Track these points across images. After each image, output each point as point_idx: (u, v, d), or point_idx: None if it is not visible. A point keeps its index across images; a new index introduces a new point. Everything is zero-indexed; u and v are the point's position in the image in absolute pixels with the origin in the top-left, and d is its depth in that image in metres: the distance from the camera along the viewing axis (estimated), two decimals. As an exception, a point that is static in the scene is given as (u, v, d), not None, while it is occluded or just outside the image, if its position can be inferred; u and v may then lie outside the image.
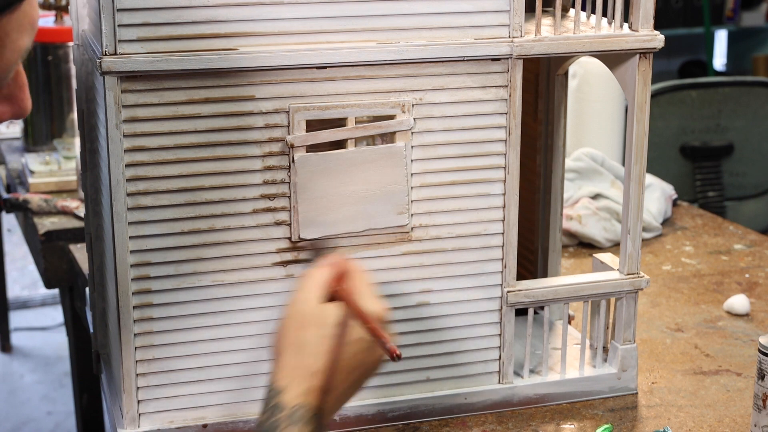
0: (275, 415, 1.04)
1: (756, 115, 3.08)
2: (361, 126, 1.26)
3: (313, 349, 1.06)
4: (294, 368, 1.06)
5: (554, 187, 1.55)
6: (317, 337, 1.06)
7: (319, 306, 1.08)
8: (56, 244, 2.12)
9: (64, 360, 3.57)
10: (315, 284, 1.09)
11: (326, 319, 1.07)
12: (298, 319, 1.08)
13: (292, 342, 1.07)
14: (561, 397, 1.40)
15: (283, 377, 1.06)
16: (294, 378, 1.05)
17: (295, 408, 1.04)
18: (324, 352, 1.06)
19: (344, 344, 1.07)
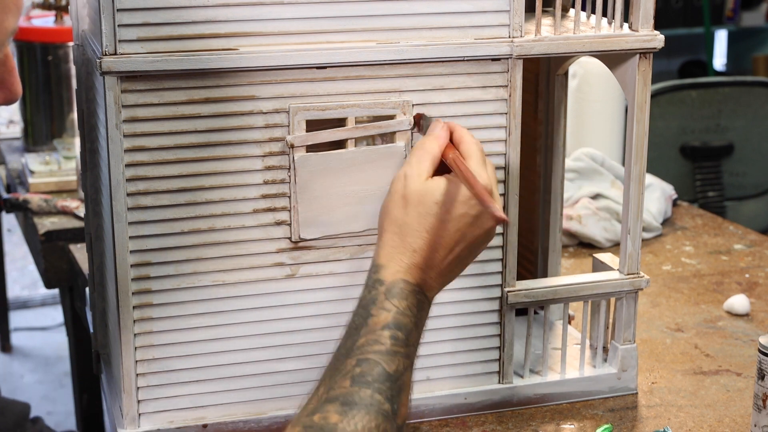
0: (375, 289, 1.06)
1: (756, 115, 3.08)
2: (361, 126, 1.26)
3: (414, 227, 1.07)
4: (395, 246, 1.08)
5: (554, 187, 1.55)
6: (419, 216, 1.07)
7: (423, 183, 1.08)
8: (56, 244, 2.12)
9: (64, 360, 3.57)
10: (422, 157, 1.10)
11: (428, 197, 1.07)
12: (401, 196, 1.09)
13: (394, 220, 1.09)
14: (561, 397, 1.40)
15: (384, 255, 1.08)
16: (394, 255, 1.07)
17: (394, 283, 1.06)
18: (425, 230, 1.07)
19: (447, 221, 1.07)
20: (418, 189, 1.08)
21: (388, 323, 1.04)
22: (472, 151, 1.11)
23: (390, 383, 1.01)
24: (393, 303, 1.05)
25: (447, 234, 1.08)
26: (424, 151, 1.11)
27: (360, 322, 1.05)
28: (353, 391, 1.00)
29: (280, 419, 1.31)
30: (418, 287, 1.07)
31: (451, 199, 1.08)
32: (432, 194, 1.08)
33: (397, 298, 1.05)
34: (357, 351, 1.03)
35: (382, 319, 1.04)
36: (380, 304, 1.05)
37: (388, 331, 1.04)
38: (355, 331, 1.05)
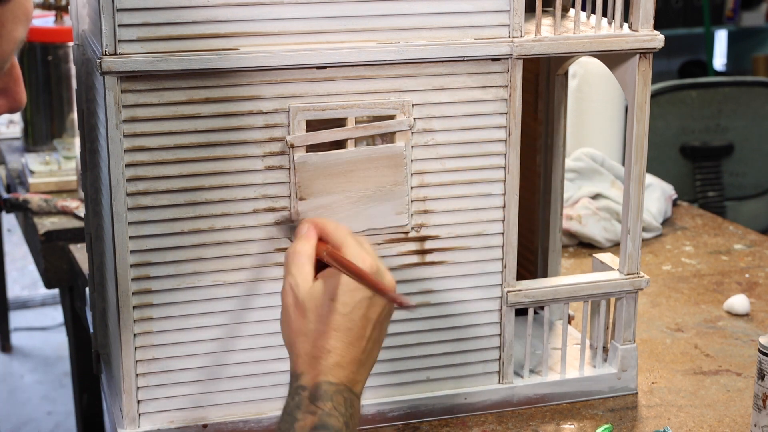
0: (298, 395, 1.05)
1: (756, 115, 3.08)
2: (361, 126, 1.26)
3: (320, 330, 1.07)
4: (308, 353, 1.07)
5: (554, 187, 1.55)
6: (320, 318, 1.07)
7: (311, 286, 1.08)
8: (56, 244, 2.12)
9: (64, 360, 3.57)
10: (300, 262, 1.09)
11: (322, 298, 1.07)
12: (295, 306, 1.08)
13: (299, 330, 1.08)
14: (561, 397, 1.40)
15: (301, 363, 1.07)
16: (310, 361, 1.07)
17: (317, 386, 1.05)
18: (332, 329, 1.06)
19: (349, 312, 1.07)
20: (309, 293, 1.08)
21: (315, 425, 1.03)
22: (342, 239, 1.10)
23: None
24: (317, 405, 1.04)
25: (353, 324, 1.07)
26: (299, 254, 1.10)
27: (286, 428, 1.04)
28: None
29: (280, 419, 1.31)
30: (342, 385, 1.06)
31: (344, 290, 1.07)
32: (324, 293, 1.07)
33: (321, 400, 1.04)
34: None
35: (309, 422, 1.03)
36: (305, 409, 1.04)
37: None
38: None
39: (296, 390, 1.06)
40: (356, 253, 1.08)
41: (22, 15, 0.91)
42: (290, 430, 1.03)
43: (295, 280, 1.09)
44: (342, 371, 1.07)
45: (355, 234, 1.12)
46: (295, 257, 1.10)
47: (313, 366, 1.06)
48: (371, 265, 1.07)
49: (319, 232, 1.12)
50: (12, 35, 0.90)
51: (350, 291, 1.07)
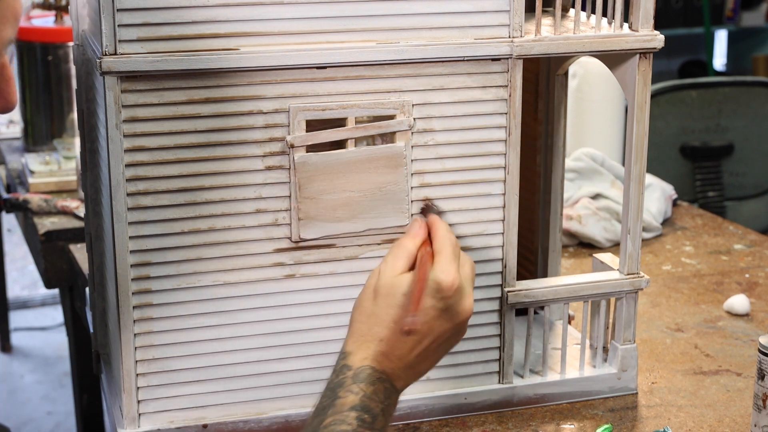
0: (342, 374, 1.08)
1: (756, 115, 3.08)
2: (361, 126, 1.26)
3: (381, 317, 1.10)
4: (362, 335, 1.10)
5: (554, 187, 1.55)
6: (386, 307, 1.10)
7: (394, 277, 1.11)
8: (56, 244, 2.12)
9: (64, 360, 3.57)
10: (398, 254, 1.13)
11: (397, 289, 1.10)
12: (373, 289, 1.12)
13: (364, 310, 1.11)
14: (561, 397, 1.40)
15: (352, 342, 1.10)
16: (361, 344, 1.10)
17: (361, 369, 1.08)
18: (392, 320, 1.09)
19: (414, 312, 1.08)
20: (389, 282, 1.11)
21: (355, 405, 1.05)
22: (442, 247, 1.13)
23: None
24: (360, 387, 1.07)
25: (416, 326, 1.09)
26: (400, 248, 1.14)
27: (327, 403, 1.06)
28: None
29: (280, 419, 1.31)
30: (384, 375, 1.09)
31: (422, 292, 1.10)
32: (400, 287, 1.10)
33: (364, 382, 1.07)
34: (323, 430, 1.04)
35: (349, 401, 1.05)
36: (347, 387, 1.07)
37: (355, 413, 1.04)
38: (322, 410, 1.06)
39: (342, 368, 1.09)
40: (445, 264, 1.11)
41: (10, 15, 0.92)
42: (330, 405, 1.05)
43: (385, 267, 1.12)
44: (388, 362, 1.09)
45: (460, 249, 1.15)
46: (395, 248, 1.14)
47: (363, 349, 1.09)
48: (452, 281, 1.10)
49: (428, 232, 1.15)
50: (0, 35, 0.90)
51: (426, 295, 1.09)
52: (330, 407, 1.05)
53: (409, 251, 1.13)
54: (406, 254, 1.13)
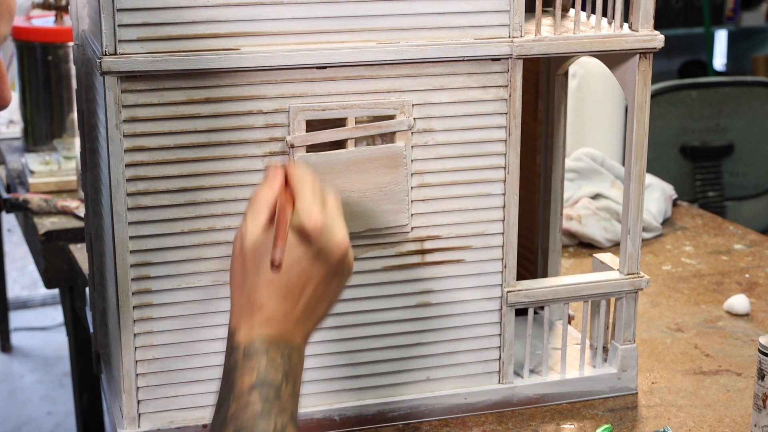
0: (232, 355, 1.03)
1: (756, 115, 3.08)
2: (361, 126, 1.26)
3: (255, 283, 1.04)
4: (242, 307, 1.05)
5: (554, 187, 1.55)
6: (256, 271, 1.04)
7: (257, 237, 1.05)
8: (56, 244, 2.12)
9: (64, 360, 3.57)
10: (257, 210, 1.06)
11: (262, 250, 1.04)
12: (240, 254, 1.06)
13: (236, 281, 1.06)
14: (561, 397, 1.40)
15: (235, 318, 1.05)
16: (243, 316, 1.04)
17: (250, 343, 1.03)
18: (265, 284, 1.04)
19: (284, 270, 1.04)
20: (252, 244, 1.05)
21: (253, 384, 1.01)
22: (301, 189, 1.07)
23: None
24: (254, 363, 1.02)
25: (289, 281, 1.04)
26: (258, 201, 1.06)
27: (227, 391, 1.02)
28: None
29: (280, 419, 1.31)
30: (275, 339, 1.04)
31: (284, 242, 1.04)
32: (265, 246, 1.04)
33: (256, 356, 1.02)
34: (231, 421, 1.00)
35: (246, 382, 1.01)
36: (241, 369, 1.02)
37: (256, 392, 1.00)
38: (224, 400, 1.02)
39: (231, 349, 1.04)
40: (306, 206, 1.05)
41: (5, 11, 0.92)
42: (230, 392, 1.02)
43: (246, 227, 1.06)
44: (275, 326, 1.04)
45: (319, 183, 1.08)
46: (253, 203, 1.07)
47: (246, 321, 1.04)
48: (316, 222, 1.04)
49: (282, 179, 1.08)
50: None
51: (291, 248, 1.04)
52: (230, 394, 1.01)
53: (268, 202, 1.06)
54: (266, 207, 1.06)
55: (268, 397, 1.00)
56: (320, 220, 1.05)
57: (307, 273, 1.05)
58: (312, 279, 1.06)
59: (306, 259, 1.05)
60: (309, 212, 1.04)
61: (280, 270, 1.03)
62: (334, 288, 1.09)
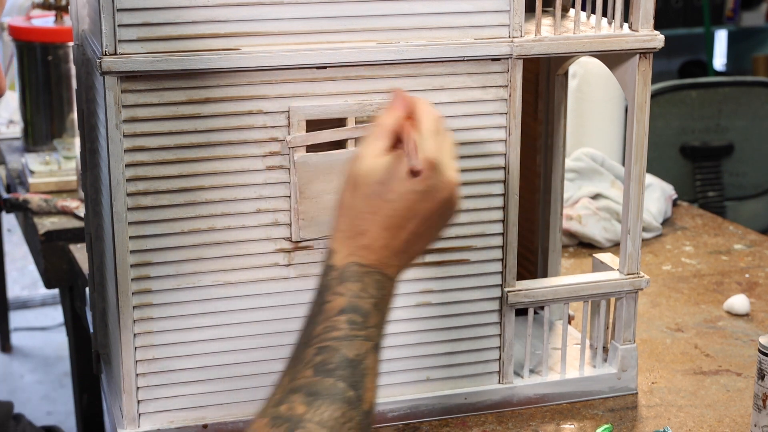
0: (328, 275, 1.04)
1: (756, 115, 3.08)
2: (361, 126, 1.26)
3: (360, 209, 1.05)
4: (343, 230, 1.06)
5: (554, 187, 1.55)
6: (364, 197, 1.05)
7: (371, 162, 1.06)
8: (56, 244, 2.12)
9: (64, 360, 3.57)
10: (377, 135, 1.07)
11: (372, 177, 1.05)
12: (351, 178, 1.07)
13: (343, 203, 1.07)
14: (561, 397, 1.40)
15: (335, 240, 1.06)
16: (344, 240, 1.05)
17: (346, 266, 1.04)
18: (370, 211, 1.05)
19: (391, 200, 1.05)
20: (366, 170, 1.06)
21: (343, 308, 1.02)
22: (422, 121, 1.08)
23: (351, 369, 1.00)
24: (347, 287, 1.03)
25: (394, 213, 1.05)
26: (380, 127, 1.07)
27: (316, 310, 1.03)
28: (316, 381, 0.99)
29: (280, 419, 1.31)
30: (372, 267, 1.04)
31: (394, 177, 1.05)
32: (375, 174, 1.05)
33: (350, 281, 1.03)
34: (316, 339, 1.01)
35: (337, 304, 1.02)
36: (334, 290, 1.03)
37: (344, 316, 1.02)
38: (312, 318, 1.03)
39: (327, 270, 1.05)
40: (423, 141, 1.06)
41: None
42: (320, 312, 1.03)
43: (364, 150, 1.07)
44: (373, 254, 1.05)
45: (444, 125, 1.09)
46: (375, 128, 1.08)
47: (346, 245, 1.05)
48: (430, 157, 1.05)
49: (408, 108, 1.09)
50: None
51: (401, 180, 1.05)
52: (319, 314, 1.02)
53: (389, 130, 1.07)
54: (385, 134, 1.07)
55: (356, 323, 1.01)
56: (434, 156, 1.05)
57: (414, 207, 1.06)
58: (417, 214, 1.06)
59: (414, 194, 1.05)
60: (424, 147, 1.05)
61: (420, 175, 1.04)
62: (437, 226, 1.09)
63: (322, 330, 1.01)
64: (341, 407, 0.98)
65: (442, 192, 1.06)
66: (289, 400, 0.99)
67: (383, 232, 1.05)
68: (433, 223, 1.08)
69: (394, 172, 1.05)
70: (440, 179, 1.06)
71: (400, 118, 1.08)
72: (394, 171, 1.05)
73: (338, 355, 1.00)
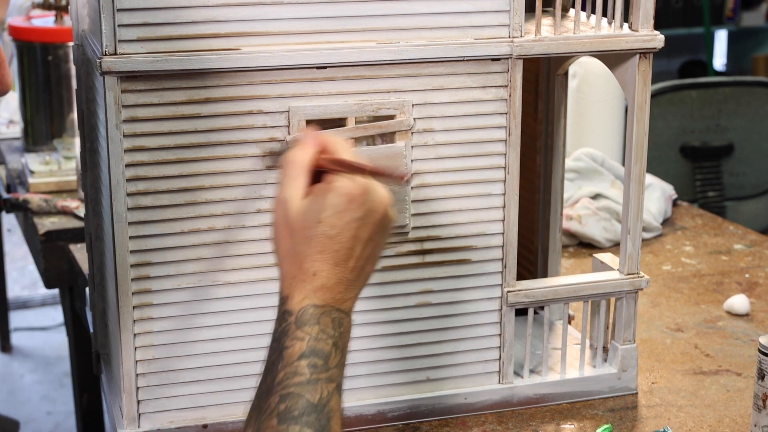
0: (285, 321, 1.04)
1: (756, 115, 3.08)
2: (361, 126, 1.26)
3: (306, 252, 1.04)
4: (294, 276, 1.05)
5: (554, 187, 1.55)
6: (307, 240, 1.04)
7: (300, 203, 1.05)
8: (56, 244, 2.12)
9: (64, 360, 3.57)
10: (295, 173, 1.06)
11: (310, 218, 1.04)
12: (285, 224, 1.05)
13: (286, 250, 1.06)
14: (561, 397, 1.40)
15: (286, 286, 1.05)
16: (295, 284, 1.04)
17: (302, 310, 1.03)
18: (318, 252, 1.04)
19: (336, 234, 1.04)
20: (297, 212, 1.05)
21: (303, 352, 1.01)
22: (341, 148, 1.08)
23: (317, 414, 0.99)
24: (305, 331, 1.02)
25: (341, 246, 1.04)
26: (294, 164, 1.06)
27: (276, 357, 1.03)
28: (282, 430, 0.97)
29: (280, 419, 1.31)
30: (328, 306, 1.04)
31: (332, 212, 1.04)
32: (312, 214, 1.04)
33: (308, 324, 1.03)
34: (278, 387, 1.00)
35: (297, 349, 1.01)
36: (292, 335, 1.02)
37: (305, 360, 1.01)
38: (272, 366, 1.02)
39: (283, 315, 1.04)
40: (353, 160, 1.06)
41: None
42: (279, 358, 1.02)
43: (285, 194, 1.06)
44: (328, 293, 1.04)
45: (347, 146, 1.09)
46: (289, 167, 1.06)
47: (299, 289, 1.04)
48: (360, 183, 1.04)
49: (318, 142, 1.08)
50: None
51: (338, 212, 1.04)
52: (279, 360, 1.02)
53: (305, 166, 1.06)
54: (303, 171, 1.06)
55: (317, 366, 1.01)
56: (363, 181, 1.05)
57: (357, 234, 1.05)
58: (360, 240, 1.06)
59: (355, 221, 1.05)
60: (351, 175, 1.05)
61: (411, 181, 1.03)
62: (380, 245, 1.09)
63: (284, 377, 1.00)
64: None
65: (378, 211, 1.06)
66: None
67: (334, 268, 1.04)
68: (376, 243, 1.07)
69: (326, 208, 1.04)
70: (375, 199, 1.05)
71: (313, 153, 1.07)
72: (326, 207, 1.04)
73: (302, 401, 0.99)
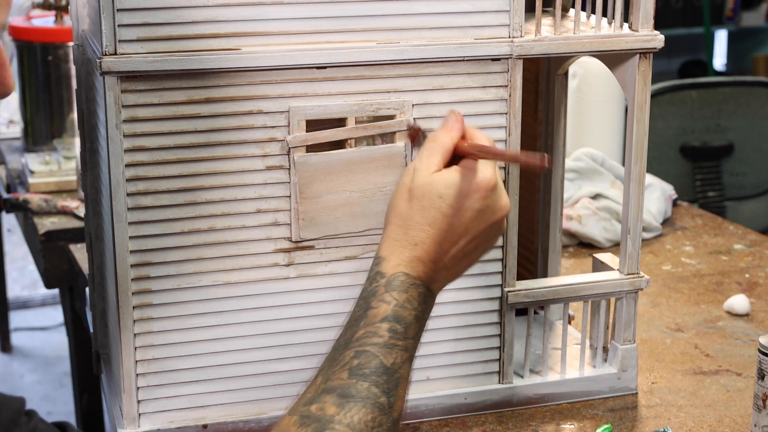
0: (376, 281, 1.06)
1: (756, 115, 3.08)
2: (361, 126, 1.26)
3: (416, 220, 1.07)
4: (397, 239, 1.07)
5: (554, 187, 1.55)
6: (422, 209, 1.07)
7: (429, 176, 1.08)
8: (56, 244, 2.12)
9: (64, 360, 3.57)
10: (433, 150, 1.09)
11: (433, 191, 1.07)
12: (407, 189, 1.08)
13: (399, 213, 1.08)
14: (561, 397, 1.40)
15: (386, 247, 1.08)
16: (396, 248, 1.07)
17: (395, 275, 1.06)
18: (428, 223, 1.07)
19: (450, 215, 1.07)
20: (424, 182, 1.08)
21: (387, 316, 1.04)
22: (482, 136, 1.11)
23: (387, 376, 1.01)
24: (393, 296, 1.05)
25: (450, 228, 1.07)
26: (436, 143, 1.10)
27: (360, 313, 1.05)
28: (350, 384, 1.00)
29: (280, 419, 1.31)
30: (419, 280, 1.06)
31: (456, 192, 1.07)
32: (436, 187, 1.07)
33: (397, 290, 1.05)
34: (355, 342, 1.03)
35: (381, 311, 1.04)
36: (380, 297, 1.05)
37: (387, 324, 1.03)
38: (354, 322, 1.05)
39: (375, 276, 1.07)
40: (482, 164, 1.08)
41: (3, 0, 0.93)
42: (363, 316, 1.04)
43: (420, 164, 1.09)
44: (422, 267, 1.07)
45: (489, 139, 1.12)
46: (431, 143, 1.10)
47: (397, 254, 1.07)
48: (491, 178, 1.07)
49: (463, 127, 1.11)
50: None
51: (462, 196, 1.07)
52: (362, 318, 1.04)
53: (445, 147, 1.10)
54: (442, 150, 1.09)
55: (397, 332, 1.03)
56: (494, 178, 1.08)
57: (468, 225, 1.08)
58: (470, 232, 1.08)
59: (472, 211, 1.08)
60: (485, 167, 1.08)
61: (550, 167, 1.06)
62: (483, 247, 1.12)
63: (363, 334, 1.03)
64: (372, 412, 0.99)
65: (496, 214, 1.09)
66: (321, 400, 0.99)
67: (436, 246, 1.07)
68: (480, 243, 1.10)
69: (456, 188, 1.07)
70: (497, 201, 1.09)
71: (457, 137, 1.10)
72: (457, 187, 1.07)
73: (376, 361, 1.01)
